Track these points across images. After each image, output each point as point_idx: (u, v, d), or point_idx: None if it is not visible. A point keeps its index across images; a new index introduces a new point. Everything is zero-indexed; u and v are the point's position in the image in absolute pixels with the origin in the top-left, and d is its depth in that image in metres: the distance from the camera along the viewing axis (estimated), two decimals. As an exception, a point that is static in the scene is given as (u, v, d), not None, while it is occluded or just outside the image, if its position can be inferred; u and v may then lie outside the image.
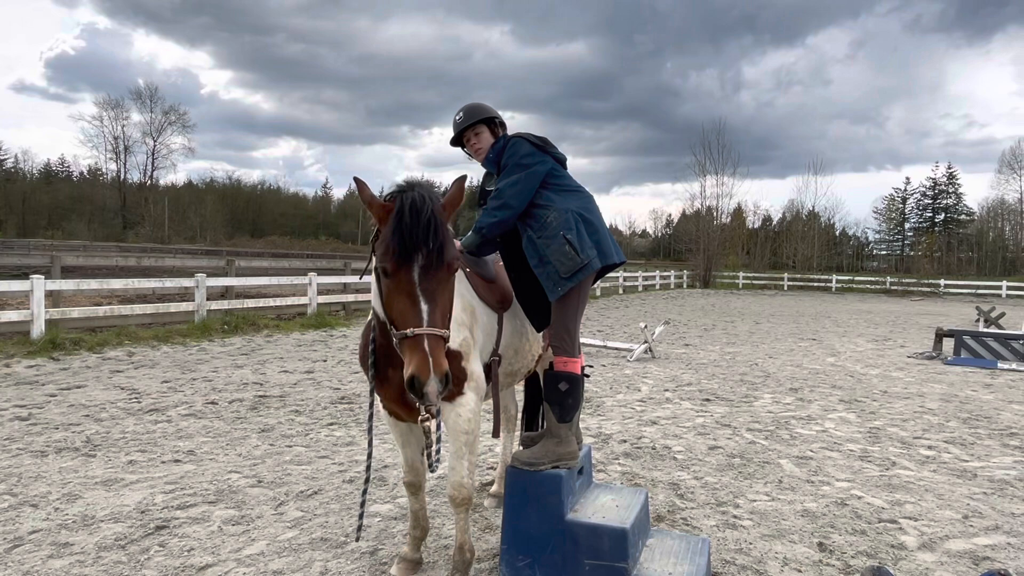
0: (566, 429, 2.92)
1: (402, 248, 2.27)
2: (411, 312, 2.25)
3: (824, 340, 13.85)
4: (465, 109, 3.22)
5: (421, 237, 2.27)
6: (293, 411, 6.36)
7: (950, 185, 73.87)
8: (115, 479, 4.31)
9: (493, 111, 3.23)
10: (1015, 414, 7.02)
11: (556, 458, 2.88)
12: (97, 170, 74.38)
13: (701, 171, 46.86)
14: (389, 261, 2.29)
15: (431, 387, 2.18)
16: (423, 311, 2.25)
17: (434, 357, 2.19)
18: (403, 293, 2.28)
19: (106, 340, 9.82)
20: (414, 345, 2.21)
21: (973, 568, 3.34)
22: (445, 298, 2.34)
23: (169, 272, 15.64)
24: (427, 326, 2.23)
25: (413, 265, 2.28)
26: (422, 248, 2.28)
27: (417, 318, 2.25)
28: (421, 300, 2.26)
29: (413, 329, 2.23)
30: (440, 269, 2.31)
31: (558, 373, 2.91)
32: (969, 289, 38.10)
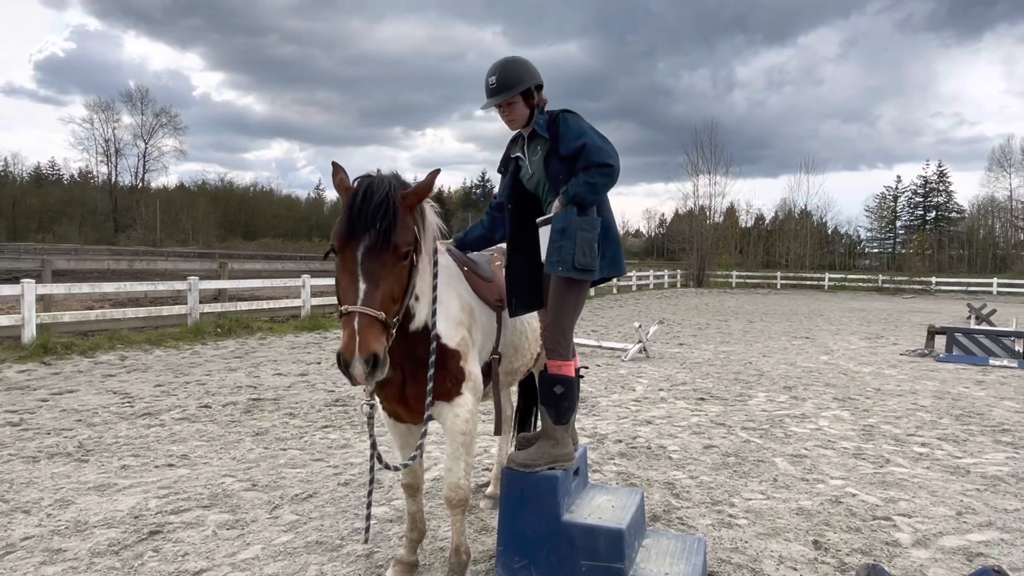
0: (562, 431, 2.92)
1: (348, 227, 2.31)
2: (350, 290, 2.28)
3: (817, 338, 13.91)
4: (499, 75, 2.86)
5: (368, 218, 2.30)
6: (287, 414, 6.33)
7: (941, 183, 74.31)
8: (108, 484, 4.28)
9: (531, 76, 2.88)
10: (1007, 411, 7.07)
11: (552, 460, 2.87)
12: (88, 173, 74.05)
13: (693, 171, 47.00)
14: (337, 239, 2.34)
15: (356, 369, 2.18)
16: (360, 290, 2.27)
17: (361, 337, 2.19)
18: (346, 271, 2.32)
19: (98, 344, 9.76)
20: (346, 323, 2.24)
21: (967, 564, 3.35)
22: (389, 281, 2.33)
23: (161, 275, 15.57)
24: (360, 304, 2.24)
25: (359, 245, 2.30)
26: (368, 229, 2.30)
27: (353, 296, 2.27)
28: (360, 279, 2.28)
29: (347, 306, 2.25)
30: (385, 252, 2.32)
31: (553, 376, 2.88)
32: (960, 286, 38.34)
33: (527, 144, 3.03)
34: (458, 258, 3.05)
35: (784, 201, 68.30)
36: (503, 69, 2.87)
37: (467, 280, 3.01)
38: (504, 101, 2.86)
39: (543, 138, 2.90)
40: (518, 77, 2.86)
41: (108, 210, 68.71)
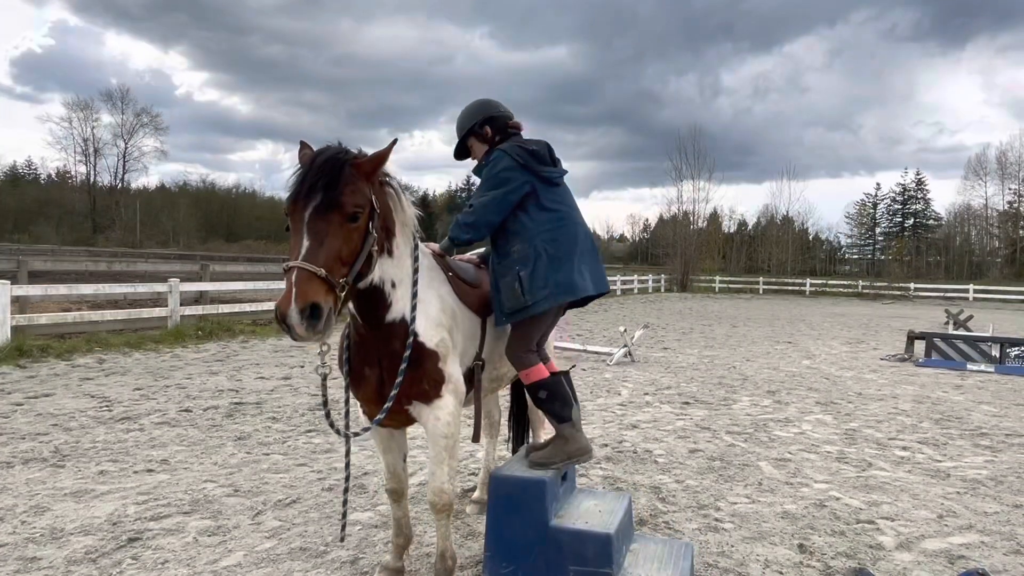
0: (569, 427, 2.94)
1: (296, 189, 2.34)
2: (294, 249, 2.28)
3: (800, 343, 14.04)
4: (458, 118, 3.21)
5: (312, 178, 2.32)
6: (270, 418, 6.25)
7: (919, 191, 75.57)
8: (85, 490, 4.19)
9: (473, 117, 3.15)
10: (984, 414, 7.18)
11: (567, 456, 2.92)
12: (66, 173, 72.79)
13: (678, 176, 47.38)
14: (287, 204, 2.37)
15: (292, 318, 2.14)
16: (303, 246, 2.27)
17: (298, 288, 2.16)
18: (295, 232, 2.32)
19: (75, 347, 9.59)
20: (287, 279, 2.23)
21: (949, 567, 3.39)
22: (335, 240, 2.31)
23: (141, 277, 15.33)
24: (301, 260, 2.23)
25: (306, 206, 2.31)
26: (313, 189, 2.31)
27: (296, 253, 2.27)
28: (304, 237, 2.28)
29: (288, 263, 2.24)
30: (330, 210, 2.32)
31: (532, 385, 2.96)
32: (938, 292, 38.97)
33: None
34: (443, 264, 3.04)
35: (766, 207, 69.00)
36: (461, 114, 3.22)
37: (451, 284, 2.99)
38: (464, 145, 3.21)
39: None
40: (460, 124, 3.21)
41: (86, 211, 67.60)
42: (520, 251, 2.91)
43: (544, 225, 2.95)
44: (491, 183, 2.93)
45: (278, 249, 55.38)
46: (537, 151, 3.01)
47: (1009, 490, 4.63)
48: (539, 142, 3.09)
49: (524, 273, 2.88)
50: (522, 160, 2.95)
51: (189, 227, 66.71)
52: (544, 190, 2.99)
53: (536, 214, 2.96)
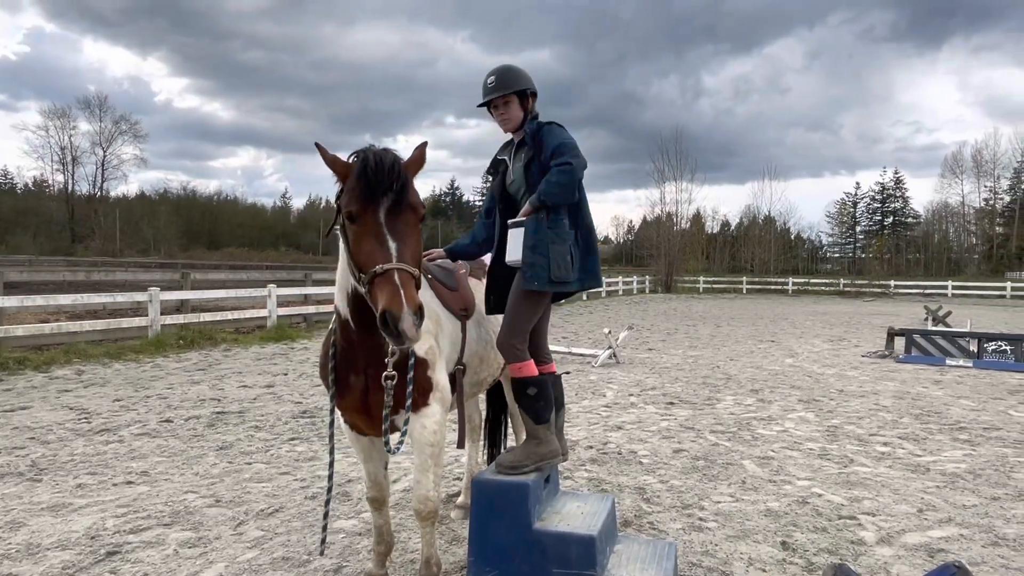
0: (544, 430, 2.92)
1: (367, 189, 2.29)
2: (379, 251, 2.25)
3: (782, 342, 14.17)
4: (498, 74, 3.03)
5: (385, 178, 2.29)
6: (253, 427, 6.19)
7: (897, 189, 76.78)
8: (63, 504, 4.12)
9: (526, 81, 3.05)
10: (963, 409, 7.28)
11: (539, 459, 2.88)
12: (43, 182, 71.81)
13: (660, 178, 47.66)
14: (355, 203, 2.30)
15: (406, 322, 2.11)
16: (391, 248, 2.25)
17: (406, 291, 2.15)
18: (370, 235, 2.28)
19: (53, 358, 9.43)
20: (385, 280, 2.18)
21: (929, 560, 3.43)
22: (413, 240, 2.34)
23: (121, 287, 15.11)
24: (397, 261, 2.22)
25: (379, 207, 2.29)
26: (387, 189, 2.29)
27: (386, 255, 2.24)
28: (389, 238, 2.26)
29: (382, 265, 2.21)
30: (406, 210, 2.33)
31: (523, 380, 2.92)
32: (917, 289, 39.55)
33: (515, 151, 3.12)
34: (422, 267, 3.01)
35: (749, 207, 69.66)
36: (502, 71, 3.03)
37: (432, 289, 2.98)
38: (500, 98, 3.00)
39: (528, 147, 3.00)
40: (515, 78, 3.03)
41: (65, 220, 66.66)
42: (573, 228, 2.94)
43: (587, 212, 3.04)
44: (575, 149, 2.87)
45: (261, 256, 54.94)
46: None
47: (987, 483, 4.70)
48: None
49: (576, 250, 2.93)
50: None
51: (170, 235, 65.99)
52: None
53: (583, 200, 3.01)
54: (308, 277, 16.72)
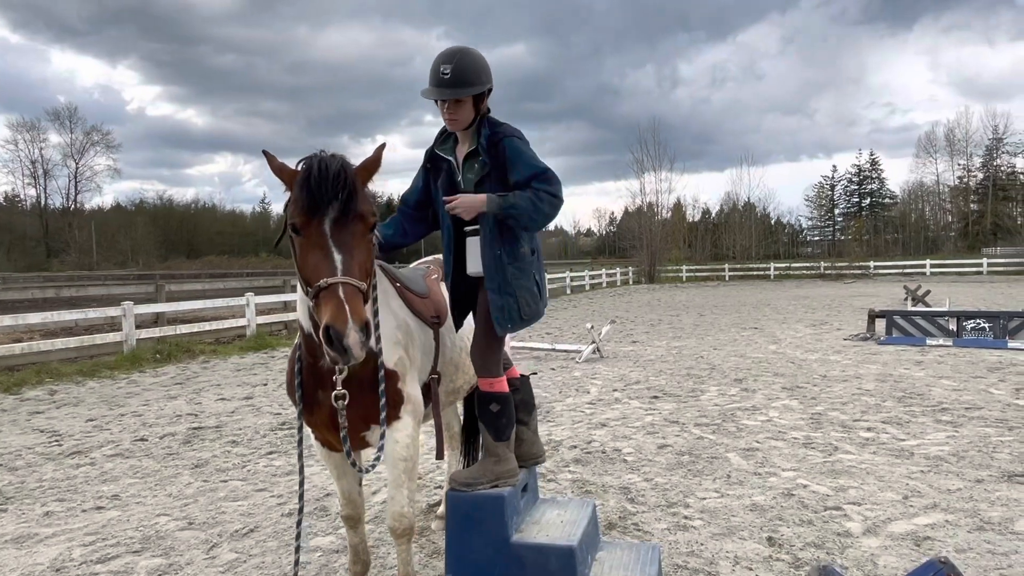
0: (503, 447, 2.81)
1: (311, 200, 2.18)
2: (324, 264, 2.15)
3: (765, 328, 14.21)
4: (455, 66, 2.57)
5: (329, 188, 2.18)
6: (230, 442, 6.04)
7: (873, 171, 77.59)
8: (28, 535, 3.97)
9: (487, 77, 2.65)
10: (945, 389, 7.31)
11: (495, 477, 2.77)
12: (15, 197, 70.27)
13: (640, 169, 47.77)
14: (299, 215, 2.20)
15: (351, 338, 2.03)
16: (336, 261, 2.15)
17: (351, 306, 2.07)
18: (315, 247, 2.18)
19: (24, 379, 9.19)
20: (329, 295, 2.10)
21: (915, 549, 3.39)
22: (362, 251, 2.24)
23: (97, 301, 14.75)
24: (341, 275, 2.13)
25: (324, 218, 2.19)
26: (331, 199, 2.19)
27: (331, 268, 2.14)
28: (334, 250, 2.17)
29: (327, 279, 2.12)
30: (353, 220, 2.22)
31: (487, 395, 2.80)
32: (897, 269, 40.00)
33: (463, 161, 2.78)
34: (388, 273, 2.89)
35: (728, 195, 70.10)
36: (460, 61, 2.59)
37: (400, 297, 2.86)
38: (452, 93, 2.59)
39: (483, 158, 2.68)
40: (475, 74, 2.61)
41: (39, 235, 65.42)
42: (532, 253, 2.77)
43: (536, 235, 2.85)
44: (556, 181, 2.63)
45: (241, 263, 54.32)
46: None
47: (970, 465, 4.69)
48: None
49: (539, 276, 2.78)
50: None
51: (148, 246, 64.96)
52: None
53: None
54: (287, 283, 16.48)
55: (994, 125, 66.22)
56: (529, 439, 3.06)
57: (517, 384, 3.00)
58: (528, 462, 3.03)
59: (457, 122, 2.69)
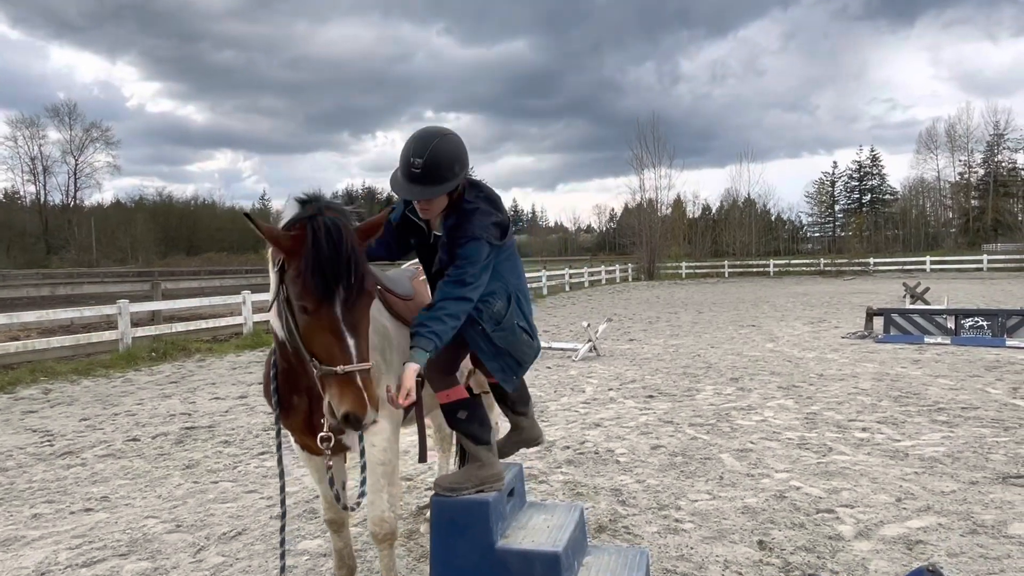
0: (486, 451, 2.79)
1: (323, 286, 2.11)
2: (338, 349, 2.13)
3: (763, 326, 14.18)
4: (428, 160, 2.45)
5: (343, 272, 2.12)
6: (222, 442, 6.02)
7: (874, 167, 77.50)
8: (15, 537, 3.94)
9: (460, 166, 2.53)
10: (941, 388, 7.28)
11: (480, 482, 2.74)
12: (14, 193, 70.27)
13: (639, 165, 47.65)
14: (309, 299, 2.13)
15: (368, 419, 2.12)
16: (350, 346, 2.13)
17: (369, 392, 2.11)
18: (326, 330, 2.14)
19: (19, 378, 9.17)
20: (347, 383, 2.11)
21: (907, 553, 3.36)
22: (365, 326, 2.23)
23: (97, 298, 14.69)
24: (357, 362, 2.13)
25: (335, 300, 2.13)
26: (341, 281, 2.13)
27: (345, 354, 2.12)
28: (347, 335, 2.14)
29: (343, 367, 2.11)
30: (361, 300, 2.20)
31: (449, 405, 2.78)
32: (896, 266, 39.93)
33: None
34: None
35: (728, 191, 69.93)
36: (433, 154, 2.47)
37: (381, 299, 2.83)
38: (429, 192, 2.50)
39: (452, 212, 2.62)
40: (449, 168, 2.49)
41: (39, 232, 65.38)
42: (505, 305, 2.67)
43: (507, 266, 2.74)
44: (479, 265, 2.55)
45: (240, 260, 54.26)
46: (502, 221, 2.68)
47: (965, 466, 4.66)
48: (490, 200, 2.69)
49: (523, 323, 2.74)
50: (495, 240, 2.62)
51: (148, 242, 64.94)
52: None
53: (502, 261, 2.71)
54: (285, 281, 16.36)
55: (995, 121, 66.10)
56: (528, 425, 3.12)
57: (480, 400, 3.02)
58: (530, 444, 3.13)
59: (430, 212, 2.64)
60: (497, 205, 2.67)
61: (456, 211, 2.60)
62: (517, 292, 2.76)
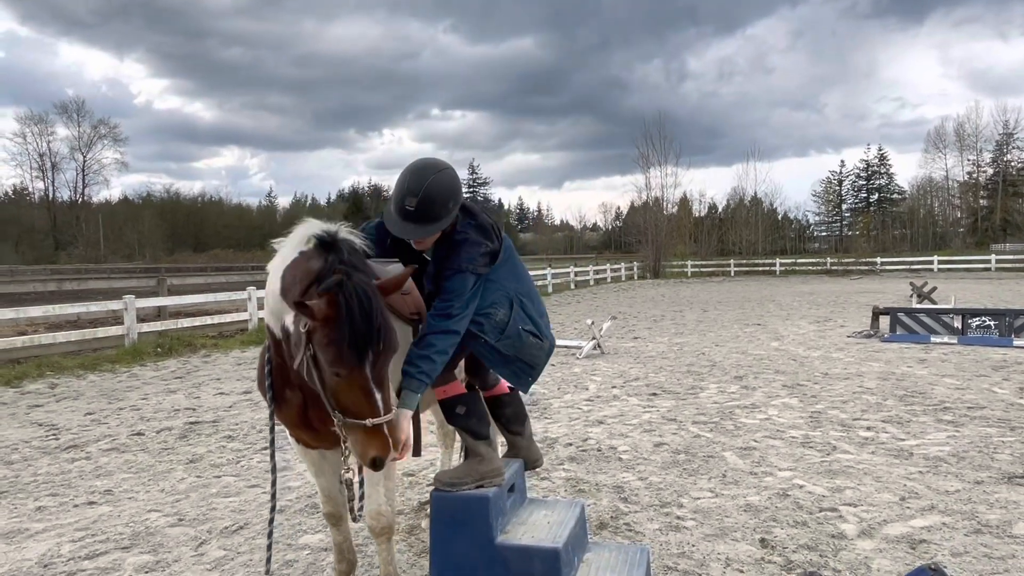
0: (484, 446, 2.79)
1: (358, 356, 2.15)
2: (367, 405, 2.19)
3: (768, 324, 14.12)
4: (421, 200, 2.47)
5: (375, 339, 2.18)
6: (226, 437, 6.04)
7: (882, 166, 77.10)
8: (18, 530, 3.96)
9: (454, 204, 2.56)
10: (947, 388, 7.23)
11: (480, 477, 2.73)
12: (23, 190, 70.83)
13: (645, 163, 47.52)
14: (341, 367, 2.16)
15: (391, 457, 2.23)
16: (378, 401, 2.19)
17: (393, 437, 2.22)
18: (356, 389, 2.19)
19: (26, 372, 9.22)
20: (375, 433, 2.19)
21: (910, 552, 3.34)
22: (388, 376, 2.30)
23: (104, 294, 14.78)
24: (384, 415, 2.19)
25: (365, 364, 2.18)
26: (374, 348, 2.19)
27: (374, 409, 2.18)
28: (375, 391, 2.19)
29: (371, 420, 2.18)
30: (388, 356, 2.26)
31: (448, 400, 2.80)
32: (904, 265, 39.70)
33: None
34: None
35: (734, 189, 69.73)
36: (427, 193, 2.48)
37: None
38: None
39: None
40: (443, 206, 2.52)
41: (47, 228, 65.84)
42: (507, 313, 2.68)
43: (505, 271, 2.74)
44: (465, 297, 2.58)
45: (246, 257, 54.46)
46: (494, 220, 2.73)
47: (970, 466, 4.63)
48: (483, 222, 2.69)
49: (529, 327, 2.74)
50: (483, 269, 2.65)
51: (155, 239, 65.32)
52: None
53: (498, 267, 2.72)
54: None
55: (1005, 120, 65.69)
56: (525, 446, 3.12)
57: (506, 400, 3.03)
58: (527, 467, 3.12)
59: (423, 244, 2.69)
60: (488, 234, 2.66)
61: (446, 242, 2.64)
62: (519, 296, 2.75)
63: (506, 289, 2.72)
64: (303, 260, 2.35)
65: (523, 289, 2.80)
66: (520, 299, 2.75)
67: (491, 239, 2.67)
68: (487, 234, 2.66)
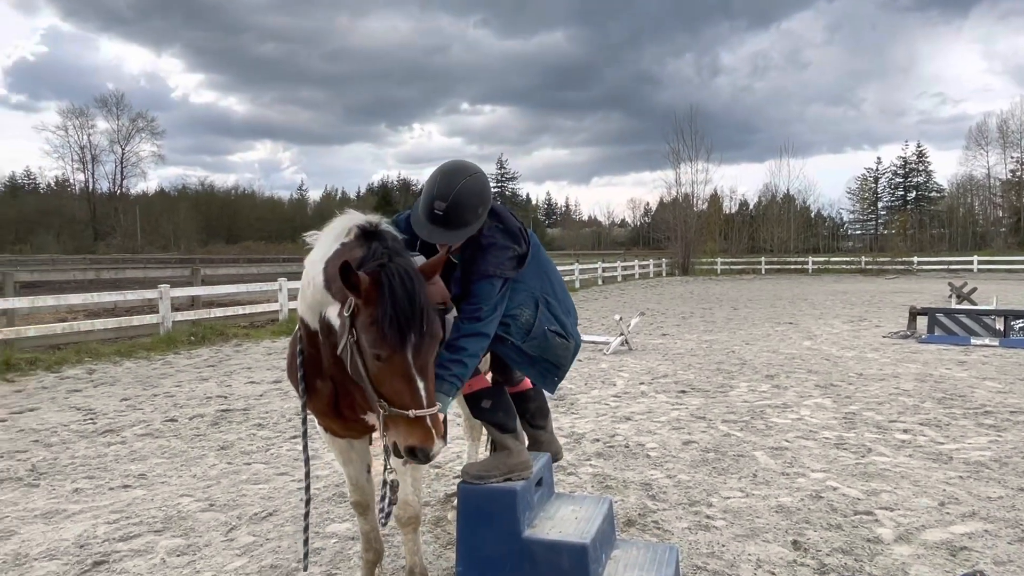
0: (512, 439, 2.78)
1: (399, 336, 2.14)
2: (409, 393, 2.16)
3: (801, 323, 13.85)
4: (451, 205, 2.46)
5: (417, 321, 2.16)
6: (256, 425, 6.12)
7: (920, 163, 74.92)
8: (56, 511, 4.07)
9: (482, 210, 2.54)
10: (989, 391, 7.00)
11: (508, 470, 2.72)
12: (64, 181, 72.83)
13: (676, 159, 46.94)
14: (384, 348, 2.16)
15: (436, 450, 2.17)
16: (421, 390, 2.17)
17: (436, 427, 2.17)
18: (398, 375, 2.18)
19: (65, 358, 9.47)
20: (418, 424, 2.16)
21: (950, 559, 3.23)
22: (432, 367, 2.28)
23: (141, 283, 15.13)
24: (427, 406, 2.17)
25: (407, 348, 2.17)
26: (416, 331, 2.17)
27: (416, 399, 2.16)
28: (417, 379, 2.17)
29: (415, 412, 2.16)
30: (432, 344, 2.24)
31: (471, 395, 2.80)
32: (942, 265, 38.60)
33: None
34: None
35: (766, 186, 68.44)
36: (456, 198, 2.46)
37: None
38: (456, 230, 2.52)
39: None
40: (472, 212, 2.51)
41: (87, 218, 67.63)
42: (532, 314, 2.68)
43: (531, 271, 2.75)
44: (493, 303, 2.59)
45: (278, 249, 55.30)
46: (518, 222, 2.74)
47: (1014, 472, 4.47)
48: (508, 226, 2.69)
49: (555, 327, 2.73)
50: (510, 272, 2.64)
51: (189, 230, 66.63)
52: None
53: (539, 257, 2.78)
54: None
55: (1052, 116, 63.17)
56: (547, 440, 3.11)
57: (531, 395, 3.03)
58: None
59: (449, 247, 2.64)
60: (515, 237, 2.64)
61: (473, 245, 2.62)
62: (544, 296, 2.74)
63: (531, 290, 2.71)
64: (345, 251, 2.35)
65: (548, 288, 2.78)
66: (546, 299, 2.74)
67: (519, 243, 2.65)
68: (515, 238, 2.65)
